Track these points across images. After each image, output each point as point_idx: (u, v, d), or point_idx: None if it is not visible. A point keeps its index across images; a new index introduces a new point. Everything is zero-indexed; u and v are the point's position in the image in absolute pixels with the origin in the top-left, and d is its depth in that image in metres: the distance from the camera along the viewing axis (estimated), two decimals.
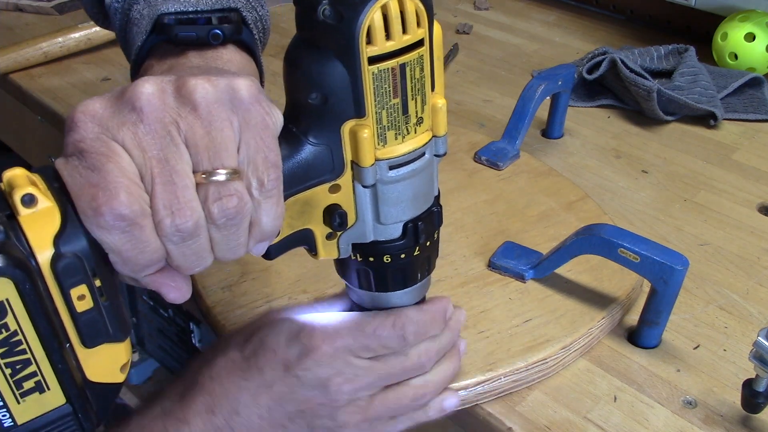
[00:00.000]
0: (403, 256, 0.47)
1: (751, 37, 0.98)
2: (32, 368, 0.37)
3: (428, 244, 0.48)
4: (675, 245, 0.72)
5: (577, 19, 1.22)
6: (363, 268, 0.47)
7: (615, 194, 0.80)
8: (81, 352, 0.39)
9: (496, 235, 0.69)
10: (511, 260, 0.65)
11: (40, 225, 0.35)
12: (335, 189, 0.43)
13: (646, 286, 0.61)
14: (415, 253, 0.47)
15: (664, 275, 0.57)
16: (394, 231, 0.46)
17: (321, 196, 0.43)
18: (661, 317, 0.60)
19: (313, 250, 0.46)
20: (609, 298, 0.63)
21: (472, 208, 0.73)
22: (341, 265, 0.49)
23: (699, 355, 0.61)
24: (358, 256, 0.47)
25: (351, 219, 0.45)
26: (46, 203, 0.36)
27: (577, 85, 0.96)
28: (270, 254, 0.43)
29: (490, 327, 0.60)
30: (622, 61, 0.89)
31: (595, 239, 0.60)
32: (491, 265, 0.66)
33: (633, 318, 0.63)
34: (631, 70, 0.89)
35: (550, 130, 0.89)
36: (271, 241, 0.42)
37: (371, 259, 0.46)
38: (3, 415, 0.38)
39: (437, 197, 0.48)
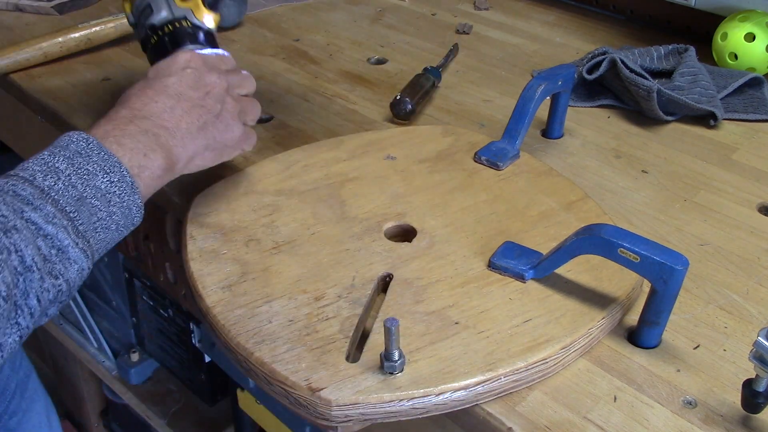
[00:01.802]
0: None
1: (751, 37, 0.99)
2: None
3: None
4: (675, 245, 0.72)
5: (577, 19, 1.22)
6: None
7: (615, 194, 0.80)
8: None
9: (496, 235, 0.69)
10: (511, 260, 0.65)
11: None
12: None
13: (646, 286, 0.61)
14: None
15: (664, 275, 0.57)
16: None
17: None
18: (661, 317, 0.60)
19: None
20: (609, 298, 0.63)
21: (472, 208, 0.73)
22: None
23: (699, 355, 0.61)
24: None
25: None
26: None
27: (577, 85, 0.96)
28: None
29: (490, 327, 0.60)
30: (622, 61, 0.89)
31: (595, 239, 0.60)
32: (491, 265, 0.66)
33: (633, 318, 0.64)
34: (631, 70, 0.89)
35: (550, 130, 0.89)
36: None
37: None
38: None
39: None
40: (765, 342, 0.51)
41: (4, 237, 0.49)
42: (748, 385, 0.53)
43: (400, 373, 0.56)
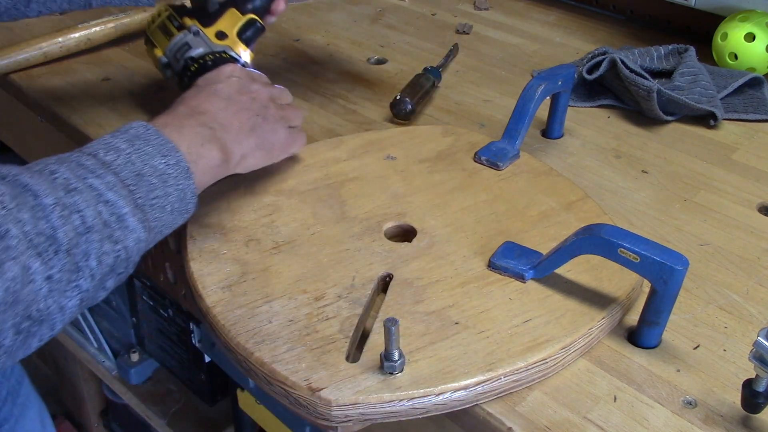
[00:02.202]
0: None
1: (751, 37, 0.99)
2: None
3: None
4: (675, 245, 0.72)
5: (577, 19, 1.22)
6: None
7: (615, 194, 0.80)
8: None
9: (496, 235, 0.69)
10: (511, 260, 0.65)
11: None
12: None
13: (646, 286, 0.61)
14: None
15: (664, 275, 0.57)
16: None
17: None
18: (661, 317, 0.60)
19: None
20: (609, 298, 0.63)
21: (472, 208, 0.73)
22: None
23: (699, 355, 0.61)
24: None
25: None
26: None
27: (577, 85, 0.96)
28: None
29: (490, 327, 0.60)
30: (622, 61, 0.89)
31: (595, 239, 0.60)
32: (491, 265, 0.66)
33: (633, 318, 0.64)
34: (631, 70, 0.89)
35: (550, 130, 0.89)
36: None
37: None
38: None
39: None
40: (765, 342, 0.51)
41: (66, 196, 0.51)
42: (748, 385, 0.53)
43: (400, 373, 0.56)
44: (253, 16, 0.87)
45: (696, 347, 0.62)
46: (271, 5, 0.89)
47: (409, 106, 0.90)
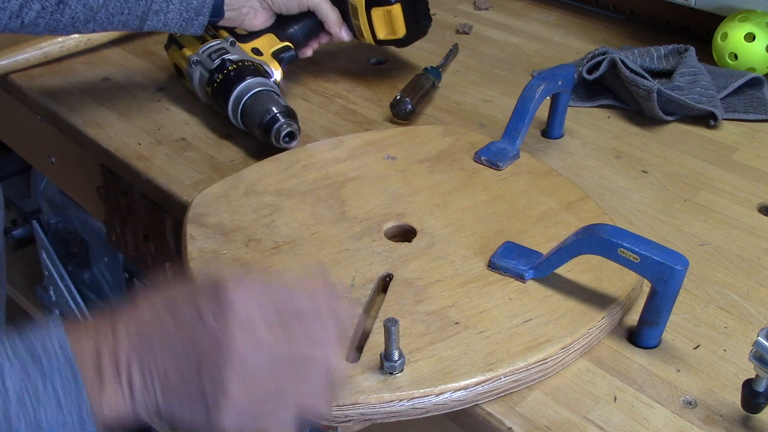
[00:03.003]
0: None
1: (751, 37, 0.98)
2: None
3: None
4: (675, 245, 0.72)
5: (577, 19, 1.22)
6: None
7: (615, 194, 0.80)
8: None
9: (496, 235, 0.69)
10: (511, 260, 0.65)
11: None
12: None
13: (646, 286, 0.61)
14: None
15: (664, 275, 0.57)
16: None
17: None
18: (661, 317, 0.60)
19: None
20: (609, 298, 0.63)
21: (472, 208, 0.73)
22: None
23: (699, 355, 0.61)
24: None
25: None
26: None
27: (577, 85, 0.95)
28: None
29: (490, 327, 0.60)
30: (622, 61, 0.89)
31: (595, 239, 0.60)
32: (491, 265, 0.66)
33: (633, 318, 0.64)
34: (631, 70, 0.89)
35: (550, 130, 0.89)
36: None
37: None
38: None
39: None
40: (765, 342, 0.51)
41: None
42: (748, 385, 0.53)
43: (400, 373, 0.56)
44: (289, 43, 0.92)
45: (696, 347, 0.62)
46: (309, 41, 0.95)
47: (409, 106, 0.90)
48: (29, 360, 0.45)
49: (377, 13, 0.92)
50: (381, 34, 0.94)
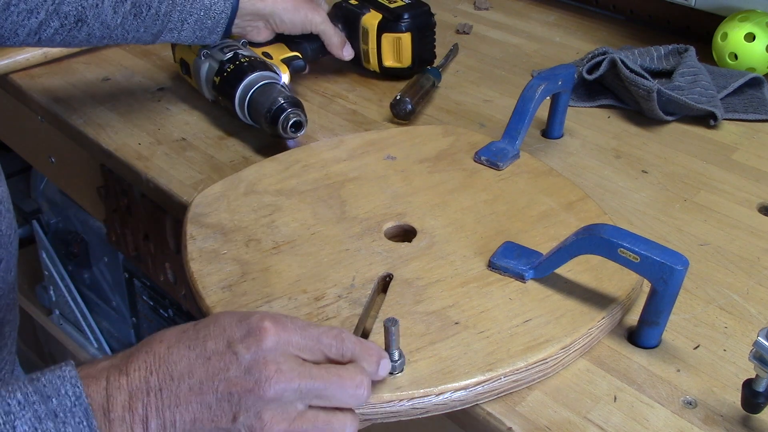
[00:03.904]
0: None
1: (751, 37, 0.98)
2: None
3: None
4: (675, 245, 0.72)
5: (577, 19, 1.22)
6: None
7: (615, 194, 0.80)
8: None
9: (496, 235, 0.69)
10: (511, 260, 0.65)
11: None
12: None
13: (646, 286, 0.61)
14: None
15: (664, 275, 0.57)
16: None
17: None
18: (661, 317, 0.60)
19: None
20: (609, 298, 0.63)
21: (472, 208, 0.73)
22: None
23: (699, 355, 0.61)
24: None
25: None
26: None
27: (577, 85, 0.96)
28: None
29: (490, 327, 0.60)
30: (622, 61, 0.89)
31: (595, 239, 0.60)
32: (491, 265, 0.66)
33: (633, 318, 0.64)
34: (631, 70, 0.89)
35: (550, 130, 0.89)
36: None
37: None
38: None
39: None
40: (765, 342, 0.51)
41: None
42: (748, 385, 0.53)
43: (400, 373, 0.56)
44: (299, 54, 0.94)
45: (696, 347, 0.62)
46: (317, 56, 0.98)
47: (409, 106, 0.90)
48: (39, 401, 0.44)
49: (387, 39, 0.97)
50: (388, 62, 0.99)
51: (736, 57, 1.00)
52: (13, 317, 0.73)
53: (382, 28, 0.96)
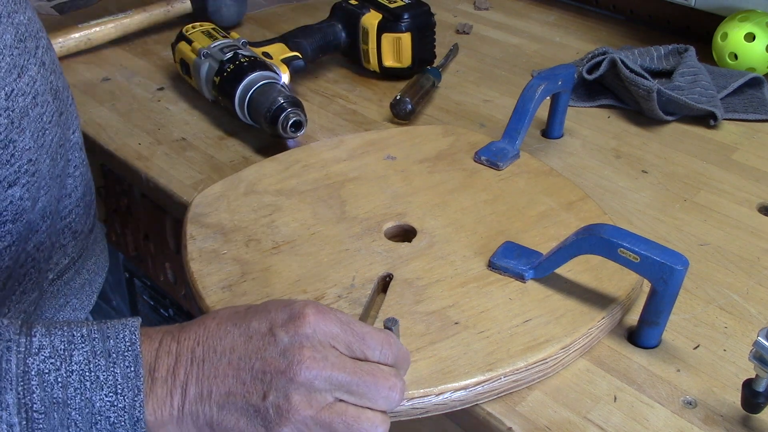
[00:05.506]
0: None
1: (751, 37, 0.99)
2: None
3: None
4: (675, 245, 0.72)
5: (577, 19, 1.22)
6: None
7: (615, 194, 0.80)
8: None
9: (496, 235, 0.69)
10: (511, 260, 0.65)
11: None
12: None
13: (646, 286, 0.61)
14: None
15: (664, 275, 0.57)
16: None
17: None
18: (661, 317, 0.60)
19: None
20: (609, 298, 0.63)
21: (472, 208, 0.73)
22: None
23: (699, 355, 0.61)
24: None
25: None
26: None
27: (577, 85, 0.96)
28: None
29: (490, 327, 0.60)
30: (622, 61, 0.89)
31: (595, 239, 0.60)
32: (491, 265, 0.66)
33: (633, 318, 0.64)
34: (631, 70, 0.89)
35: (550, 130, 0.89)
36: None
37: None
38: None
39: None
40: (765, 342, 0.51)
41: None
42: (748, 385, 0.53)
43: None
44: (299, 54, 0.95)
45: (696, 347, 0.62)
46: (317, 56, 0.99)
47: (409, 106, 0.90)
48: (99, 339, 0.47)
49: (387, 39, 0.97)
50: (387, 61, 0.99)
51: (736, 57, 1.00)
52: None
53: (382, 28, 0.96)
